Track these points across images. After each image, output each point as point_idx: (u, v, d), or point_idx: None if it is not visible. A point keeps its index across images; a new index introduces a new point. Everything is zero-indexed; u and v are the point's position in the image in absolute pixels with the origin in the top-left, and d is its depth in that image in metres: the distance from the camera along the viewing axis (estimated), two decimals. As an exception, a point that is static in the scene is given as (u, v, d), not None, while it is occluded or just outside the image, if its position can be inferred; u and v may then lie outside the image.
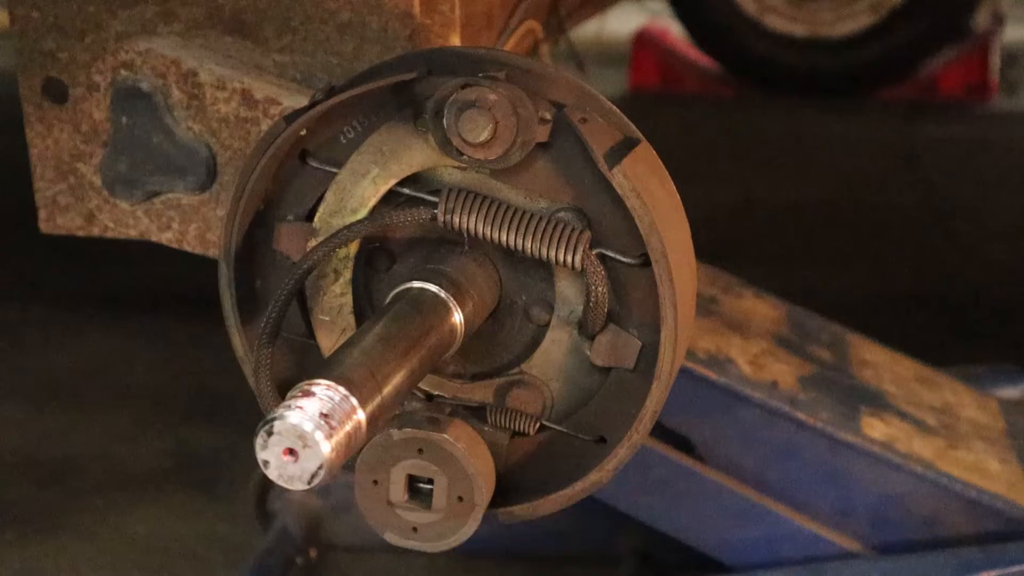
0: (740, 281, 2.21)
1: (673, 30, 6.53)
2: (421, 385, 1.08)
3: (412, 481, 1.00)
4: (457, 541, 1.00)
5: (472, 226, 1.01)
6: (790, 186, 4.61)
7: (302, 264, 1.04)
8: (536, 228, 1.01)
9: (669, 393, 1.03)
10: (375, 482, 1.00)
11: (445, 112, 0.99)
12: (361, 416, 0.87)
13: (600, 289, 1.01)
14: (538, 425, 1.07)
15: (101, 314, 3.19)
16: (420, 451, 0.99)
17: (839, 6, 5.93)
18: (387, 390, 0.90)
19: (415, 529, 1.01)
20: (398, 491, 1.00)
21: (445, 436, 0.98)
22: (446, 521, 1.00)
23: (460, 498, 0.99)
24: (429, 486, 1.00)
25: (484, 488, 0.99)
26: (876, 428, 1.83)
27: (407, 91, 1.03)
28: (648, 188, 1.00)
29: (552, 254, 1.00)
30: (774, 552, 1.76)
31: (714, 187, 4.30)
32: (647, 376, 1.02)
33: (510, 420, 1.07)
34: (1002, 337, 3.11)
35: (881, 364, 2.10)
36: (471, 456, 0.99)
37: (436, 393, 1.10)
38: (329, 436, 0.84)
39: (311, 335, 1.11)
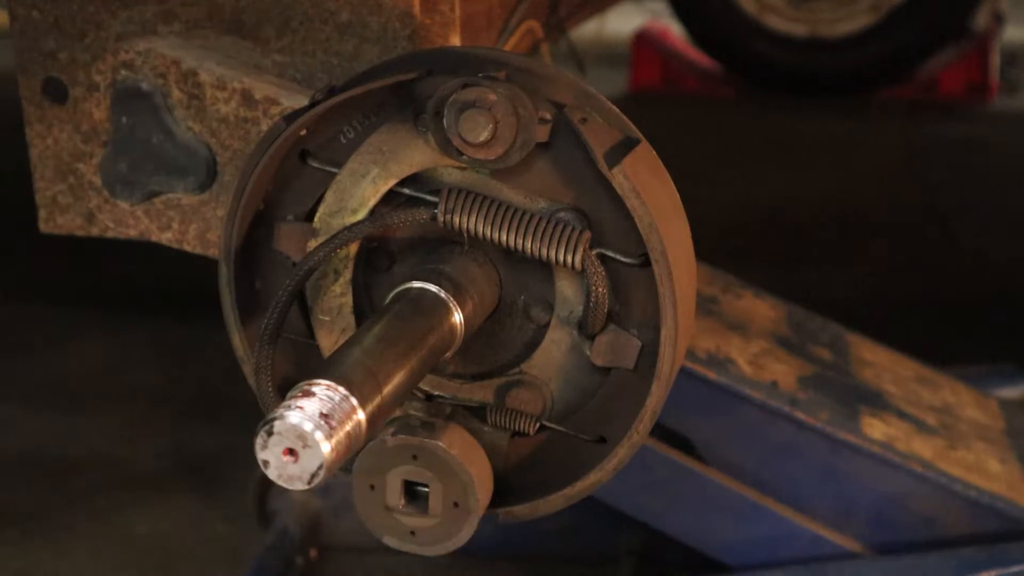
0: (740, 281, 2.21)
1: (673, 30, 6.53)
2: (421, 385, 1.08)
3: (410, 484, 1.00)
4: (454, 545, 1.00)
5: (472, 226, 1.01)
6: (790, 186, 4.61)
7: (303, 265, 1.04)
8: (536, 228, 1.01)
9: (669, 393, 1.03)
10: (372, 487, 1.00)
11: (445, 112, 0.99)
12: (361, 416, 0.87)
13: (600, 289, 1.01)
14: (538, 425, 1.07)
15: (101, 314, 3.18)
16: (414, 457, 0.99)
17: (839, 6, 5.93)
18: (387, 390, 0.90)
19: (413, 533, 1.01)
20: (394, 496, 1.00)
21: (438, 443, 0.98)
22: (443, 525, 1.00)
23: (456, 504, 0.99)
24: (426, 489, 1.00)
25: (479, 494, 0.99)
26: (876, 428, 1.83)
27: (407, 91, 1.03)
28: (648, 188, 1.00)
29: (552, 254, 1.00)
30: (774, 552, 1.76)
31: (714, 187, 4.30)
32: (647, 376, 1.02)
33: (510, 420, 1.07)
34: (1002, 337, 3.11)
35: (881, 364, 2.10)
36: (465, 463, 0.98)
37: (436, 393, 1.10)
38: (329, 436, 0.84)
39: (311, 335, 1.11)
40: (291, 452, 0.84)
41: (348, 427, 0.86)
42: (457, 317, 1.00)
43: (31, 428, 2.58)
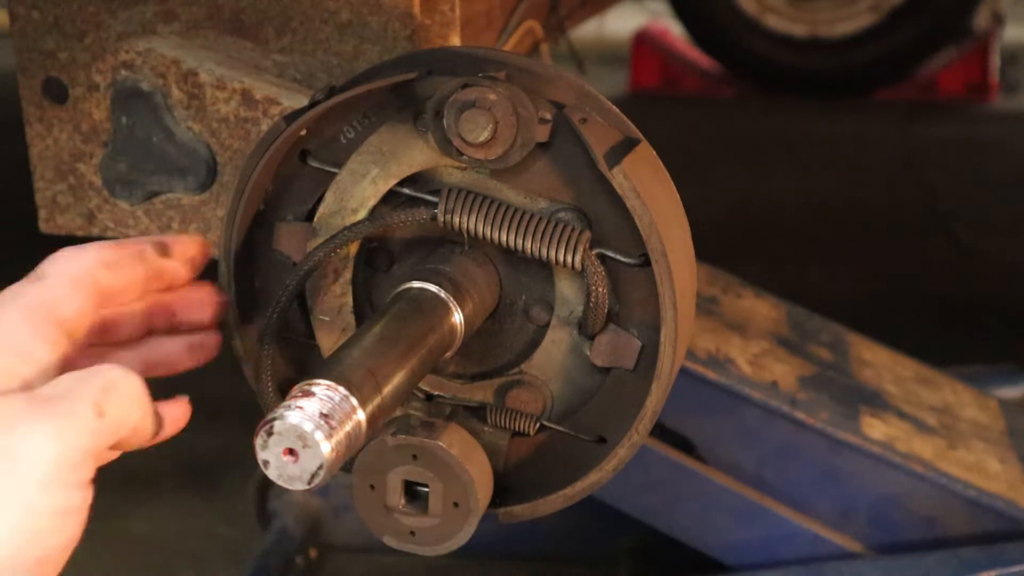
0: (740, 281, 2.21)
1: (673, 30, 6.53)
2: (421, 385, 1.08)
3: (410, 484, 1.00)
4: (454, 545, 1.00)
5: (472, 226, 1.01)
6: (790, 186, 4.61)
7: (303, 265, 1.04)
8: (536, 228, 1.01)
9: (669, 393, 1.03)
10: (372, 487, 1.00)
11: (445, 112, 0.99)
12: (361, 416, 0.87)
13: (600, 289, 1.01)
14: (538, 425, 1.07)
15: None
16: (414, 457, 0.99)
17: (839, 6, 5.94)
18: (387, 390, 0.90)
19: (413, 533, 1.01)
20: (395, 496, 1.00)
21: (438, 443, 0.98)
22: (443, 525, 1.00)
23: (456, 504, 0.99)
24: (426, 489, 1.00)
25: (479, 494, 0.99)
26: (876, 428, 1.83)
27: (407, 91, 1.03)
28: (648, 188, 1.00)
29: (552, 254, 1.00)
30: (774, 552, 1.76)
31: (714, 187, 4.30)
32: (647, 376, 1.02)
33: (510, 420, 1.07)
34: (1002, 337, 3.11)
35: (881, 364, 2.10)
36: (465, 463, 0.98)
37: (436, 393, 1.10)
38: (329, 436, 0.84)
39: (311, 335, 1.11)
40: (291, 452, 0.84)
41: (348, 427, 0.86)
42: (457, 317, 1.00)
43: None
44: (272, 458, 0.85)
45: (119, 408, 0.83)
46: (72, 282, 0.89)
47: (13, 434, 0.77)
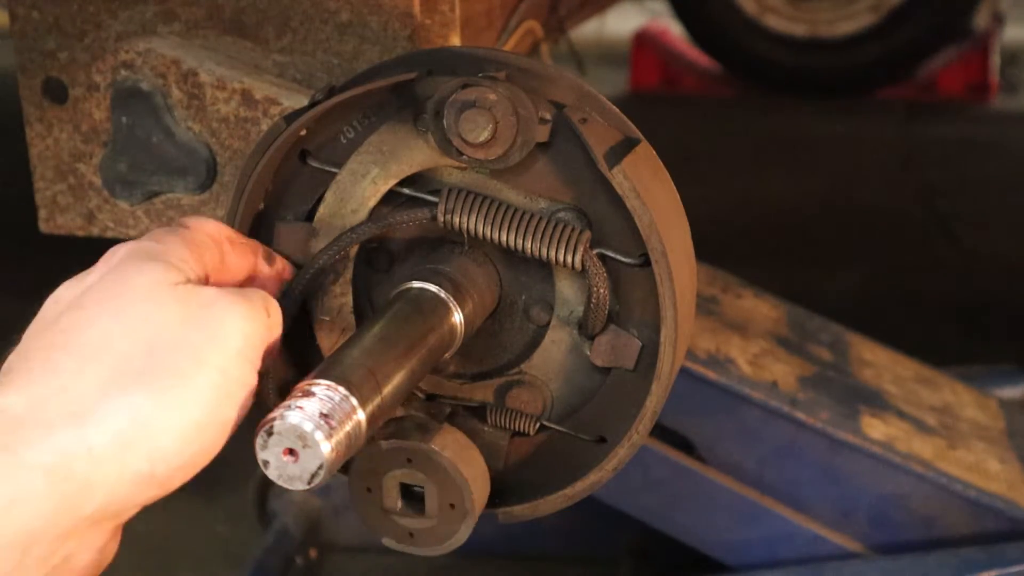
0: (740, 281, 2.21)
1: (673, 30, 6.53)
2: (421, 385, 1.08)
3: (406, 486, 1.00)
4: (453, 545, 1.00)
5: (472, 226, 1.01)
6: (790, 186, 4.61)
7: (312, 267, 1.04)
8: (536, 228, 1.01)
9: (669, 393, 1.03)
10: (369, 489, 1.00)
11: (445, 112, 0.99)
12: (361, 416, 0.87)
13: (601, 289, 1.01)
14: (538, 425, 1.07)
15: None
16: (409, 460, 0.98)
17: (839, 6, 5.93)
18: (387, 390, 0.90)
19: (411, 534, 1.01)
20: (392, 499, 1.00)
21: (431, 446, 0.98)
22: (440, 526, 1.00)
23: (452, 505, 0.99)
24: (423, 490, 1.00)
25: (474, 496, 0.99)
26: (876, 428, 1.83)
27: (407, 91, 1.03)
28: (648, 188, 1.00)
29: (552, 254, 1.00)
30: (774, 552, 1.77)
31: (714, 187, 4.30)
32: (647, 376, 1.02)
33: (510, 420, 1.07)
34: (1003, 337, 3.11)
35: (881, 364, 2.10)
36: (459, 464, 0.98)
37: (436, 393, 1.10)
38: (329, 436, 0.84)
39: (310, 335, 1.11)
40: (291, 452, 0.84)
41: (348, 427, 0.86)
42: (457, 317, 1.00)
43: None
44: (272, 458, 0.85)
45: (276, 316, 0.94)
46: (210, 237, 0.97)
47: (213, 309, 0.88)
